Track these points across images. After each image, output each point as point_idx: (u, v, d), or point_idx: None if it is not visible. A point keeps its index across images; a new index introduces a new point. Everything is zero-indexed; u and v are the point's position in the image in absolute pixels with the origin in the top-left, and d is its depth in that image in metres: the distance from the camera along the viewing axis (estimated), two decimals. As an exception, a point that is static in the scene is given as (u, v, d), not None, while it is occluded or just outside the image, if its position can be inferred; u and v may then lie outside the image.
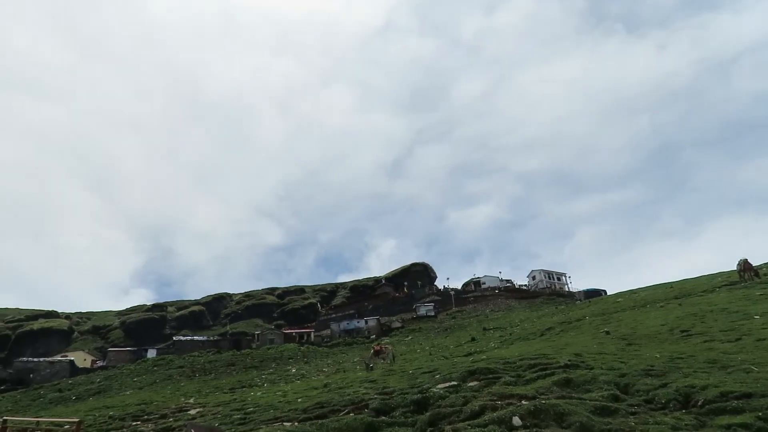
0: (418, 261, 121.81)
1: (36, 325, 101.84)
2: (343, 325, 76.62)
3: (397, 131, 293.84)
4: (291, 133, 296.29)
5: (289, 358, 52.25)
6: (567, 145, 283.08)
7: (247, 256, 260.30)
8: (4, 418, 14.37)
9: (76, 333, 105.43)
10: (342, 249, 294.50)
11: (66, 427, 14.86)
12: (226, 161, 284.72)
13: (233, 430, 12.43)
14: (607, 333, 21.44)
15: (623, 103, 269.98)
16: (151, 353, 70.48)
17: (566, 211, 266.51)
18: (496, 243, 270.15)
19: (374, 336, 69.34)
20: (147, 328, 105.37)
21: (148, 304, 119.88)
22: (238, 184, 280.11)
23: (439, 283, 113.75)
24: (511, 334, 35.74)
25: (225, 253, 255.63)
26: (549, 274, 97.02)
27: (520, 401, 10.12)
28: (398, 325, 74.04)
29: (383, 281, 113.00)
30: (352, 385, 14.99)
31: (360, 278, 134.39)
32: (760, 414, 8.27)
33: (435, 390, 11.96)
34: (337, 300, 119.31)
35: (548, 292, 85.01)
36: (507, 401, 10.25)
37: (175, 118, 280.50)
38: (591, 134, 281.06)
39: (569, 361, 13.56)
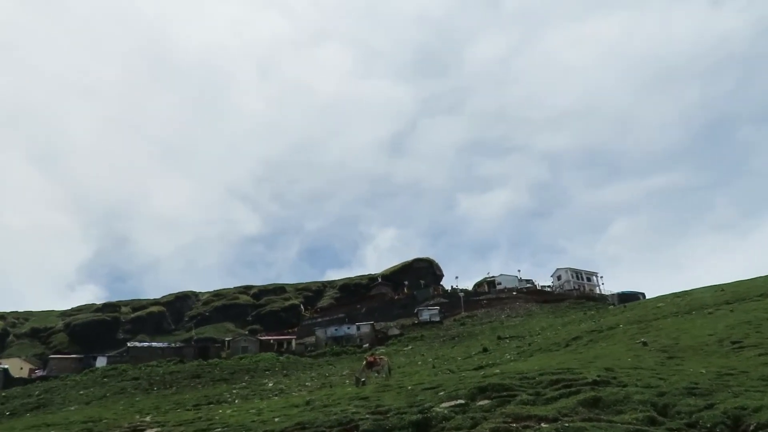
0: (421, 256, 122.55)
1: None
2: (331, 331, 77.13)
3: (400, 101, 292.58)
4: (274, 102, 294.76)
5: (266, 370, 52.59)
6: (601, 120, 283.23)
7: (217, 247, 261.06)
8: None
9: (11, 336, 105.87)
10: (331, 240, 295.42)
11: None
12: (195, 134, 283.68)
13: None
14: (645, 344, 21.66)
15: (669, 71, 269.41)
16: (101, 362, 70.78)
17: (599, 199, 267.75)
18: (514, 235, 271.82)
19: (367, 345, 69.83)
20: (96, 331, 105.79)
21: (98, 303, 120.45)
22: (210, 162, 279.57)
23: (446, 283, 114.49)
24: (530, 345, 36.01)
25: (192, 243, 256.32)
26: (577, 274, 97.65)
27: (540, 424, 10.20)
28: (396, 332, 74.57)
29: (379, 280, 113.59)
30: (339, 403, 15.08)
31: (352, 276, 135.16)
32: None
33: (438, 410, 12.05)
34: (324, 301, 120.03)
35: (576, 295, 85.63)
36: (524, 424, 10.34)
37: (136, 83, 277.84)
38: (630, 107, 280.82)
39: (598, 376, 13.63)
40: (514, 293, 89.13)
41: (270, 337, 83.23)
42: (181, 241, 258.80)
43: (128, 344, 79.70)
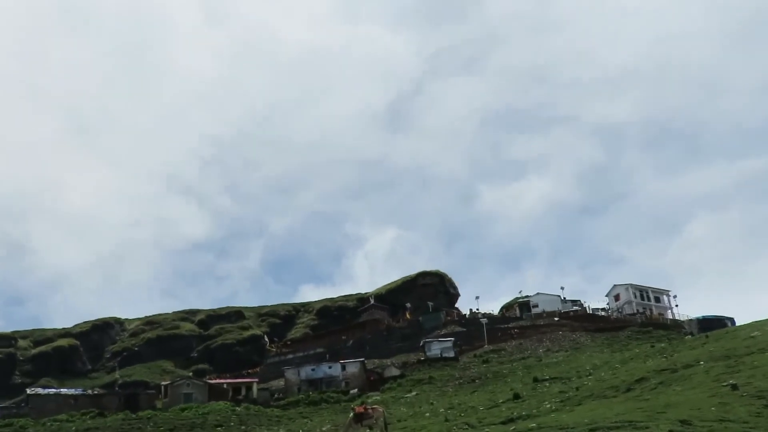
0: (429, 269, 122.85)
1: None
2: (306, 372, 77.17)
3: (399, 55, 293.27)
4: (227, 58, 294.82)
5: (217, 426, 52.57)
6: (677, 82, 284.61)
7: (149, 257, 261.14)
8: None
9: None
10: (306, 246, 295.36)
11: None
12: (119, 102, 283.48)
13: None
14: (734, 387, 21.69)
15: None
16: (-9, 416, 70.59)
17: (672, 189, 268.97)
18: (556, 240, 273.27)
19: (356, 390, 69.87)
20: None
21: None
22: (138, 140, 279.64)
23: (464, 305, 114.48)
24: (578, 389, 36.05)
25: (113, 251, 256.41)
26: (642, 292, 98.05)
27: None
28: (395, 372, 74.66)
29: (372, 301, 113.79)
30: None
31: (335, 296, 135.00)
32: None
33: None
34: (297, 331, 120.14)
35: (640, 321, 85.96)
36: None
37: (38, 31, 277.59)
38: (718, 65, 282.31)
39: (671, 432, 13.65)
40: (556, 319, 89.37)
41: (223, 381, 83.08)
42: (98, 250, 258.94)
43: (28, 391, 79.33)
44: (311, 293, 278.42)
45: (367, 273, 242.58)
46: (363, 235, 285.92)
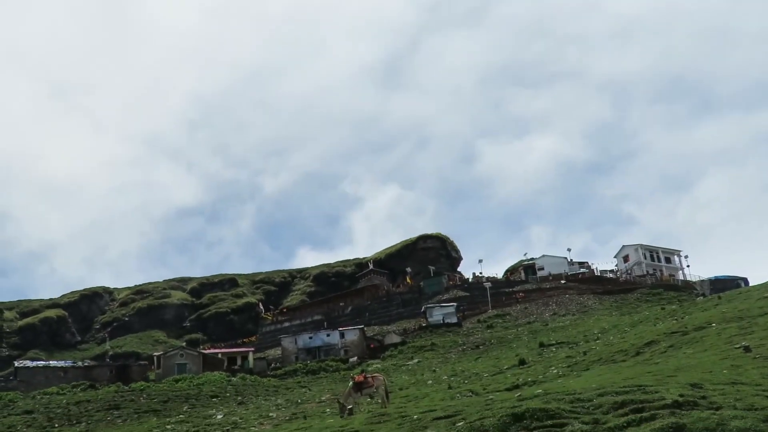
0: (430, 232, 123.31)
1: None
2: (304, 340, 77.87)
3: (395, 8, 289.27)
4: (213, 13, 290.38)
5: (213, 397, 53.17)
6: (688, 32, 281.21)
7: (137, 224, 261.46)
8: None
9: None
10: (301, 208, 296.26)
11: None
12: (99, 64, 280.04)
13: None
14: (747, 349, 21.96)
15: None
16: (-22, 390, 71.40)
17: (684, 145, 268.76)
18: (563, 200, 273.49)
19: (355, 358, 70.64)
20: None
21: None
22: (121, 103, 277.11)
23: (466, 269, 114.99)
24: (585, 354, 36.49)
25: (100, 219, 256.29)
26: (652, 253, 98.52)
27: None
28: (396, 339, 75.39)
29: (371, 266, 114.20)
30: (316, 441, 15.27)
31: (332, 261, 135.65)
32: None
33: (455, 447, 12.21)
34: (294, 298, 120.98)
35: (650, 283, 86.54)
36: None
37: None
38: (731, 12, 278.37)
39: (681, 396, 13.82)
40: (563, 282, 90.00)
41: (217, 351, 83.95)
42: (84, 218, 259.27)
43: (15, 363, 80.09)
44: (307, 259, 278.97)
45: (366, 236, 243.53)
46: (362, 195, 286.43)
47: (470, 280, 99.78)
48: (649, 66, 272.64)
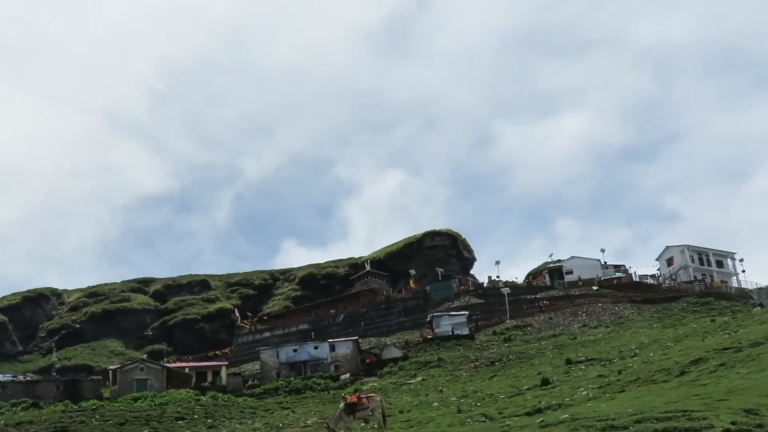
0: (438, 228, 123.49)
1: None
2: (287, 353, 77.81)
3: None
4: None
5: (178, 419, 53.04)
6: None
7: (92, 214, 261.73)
8: None
9: None
10: (287, 196, 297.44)
11: None
12: (51, 25, 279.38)
13: None
14: (813, 370, 21.80)
15: None
16: None
17: (739, 127, 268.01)
18: (595, 191, 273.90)
19: (348, 375, 70.56)
20: None
21: None
22: (76, 70, 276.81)
23: (481, 272, 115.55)
24: (620, 372, 36.37)
25: (47, 207, 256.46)
26: (701, 255, 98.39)
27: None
28: (397, 353, 75.32)
29: (368, 267, 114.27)
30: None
31: (322, 261, 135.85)
32: None
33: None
34: (276, 304, 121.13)
35: (698, 290, 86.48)
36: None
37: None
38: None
39: (734, 424, 13.76)
40: (595, 288, 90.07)
41: (184, 364, 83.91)
42: (29, 205, 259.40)
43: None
44: (293, 257, 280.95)
45: (364, 231, 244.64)
46: (359, 181, 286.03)
47: (485, 284, 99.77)
48: (697, 33, 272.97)
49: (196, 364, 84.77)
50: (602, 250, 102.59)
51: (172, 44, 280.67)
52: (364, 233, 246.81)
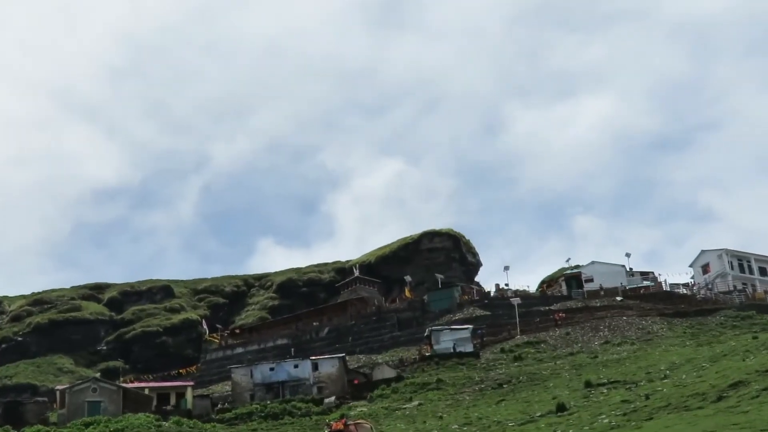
0: (438, 228, 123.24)
1: None
2: (263, 372, 77.60)
3: None
4: None
5: (137, 448, 52.94)
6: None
7: (38, 208, 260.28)
8: None
9: None
10: (263, 187, 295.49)
11: None
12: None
13: None
14: None
15: None
16: None
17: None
18: (620, 186, 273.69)
19: (333, 399, 70.41)
20: None
21: None
22: (19, 40, 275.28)
23: (487, 279, 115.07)
24: (648, 397, 36.42)
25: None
26: (742, 261, 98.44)
27: None
28: (390, 373, 75.20)
29: (357, 272, 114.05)
30: None
31: (304, 265, 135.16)
32: None
33: None
34: (250, 315, 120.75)
35: (738, 302, 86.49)
36: None
37: None
38: None
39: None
40: (619, 299, 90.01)
41: (144, 385, 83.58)
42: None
43: None
44: (270, 260, 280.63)
45: (353, 229, 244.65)
46: (348, 171, 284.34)
47: (492, 293, 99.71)
48: (740, 6, 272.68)
49: (157, 384, 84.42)
50: (627, 255, 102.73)
51: (133, 15, 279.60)
52: (354, 232, 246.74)
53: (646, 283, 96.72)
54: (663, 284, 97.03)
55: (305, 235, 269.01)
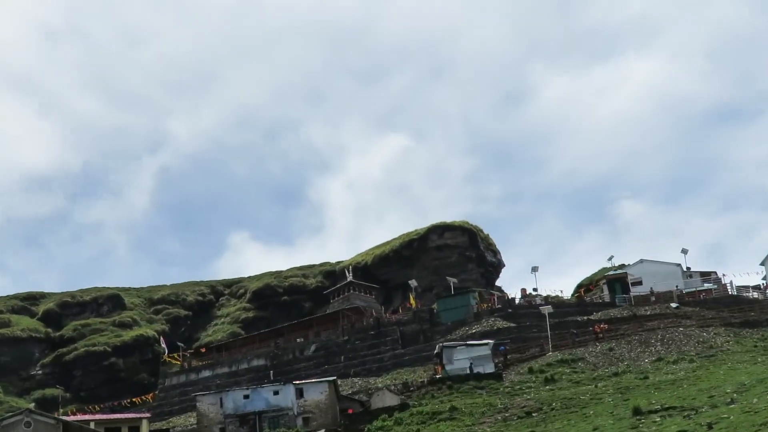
0: (450, 220, 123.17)
1: None
2: (236, 400, 77.62)
3: None
4: None
5: (80, 495, 52.98)
6: None
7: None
8: None
9: None
10: (235, 171, 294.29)
11: None
12: None
13: None
14: None
15: None
16: None
17: None
18: (675, 166, 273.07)
19: (323, 431, 70.52)
20: None
21: None
22: None
23: (512, 282, 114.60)
24: (711, 427, 36.42)
25: None
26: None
27: None
28: (392, 400, 75.27)
29: (350, 276, 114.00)
30: None
31: (284, 268, 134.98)
32: None
33: None
34: (219, 330, 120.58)
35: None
36: None
37: None
38: None
39: None
40: (674, 306, 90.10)
41: (89, 417, 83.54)
42: None
43: None
44: (244, 261, 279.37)
45: (345, 222, 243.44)
46: (339, 148, 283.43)
47: (518, 300, 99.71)
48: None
49: (105, 416, 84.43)
50: (684, 251, 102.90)
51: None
52: (346, 226, 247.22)
53: (707, 285, 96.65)
54: (728, 287, 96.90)
55: (286, 230, 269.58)
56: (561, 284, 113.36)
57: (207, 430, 75.84)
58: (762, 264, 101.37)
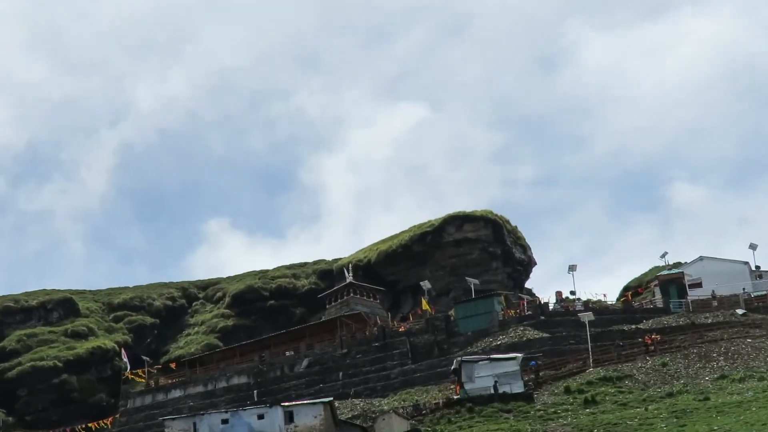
0: (471, 211, 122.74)
1: None
2: (212, 426, 77.68)
3: None
4: None
5: None
6: None
7: None
8: None
9: None
10: (210, 149, 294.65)
11: None
12: None
13: None
14: None
15: None
16: None
17: None
18: (743, 144, 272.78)
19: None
20: None
21: None
22: None
23: (544, 284, 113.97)
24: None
25: None
26: None
27: None
28: (401, 425, 75.25)
29: (350, 276, 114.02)
30: None
31: (270, 267, 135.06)
32: None
33: None
34: (191, 341, 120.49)
35: None
36: None
37: None
38: None
39: None
40: (741, 312, 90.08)
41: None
42: None
43: None
44: (223, 257, 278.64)
45: (346, 212, 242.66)
46: (338, 120, 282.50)
47: (552, 306, 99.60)
48: None
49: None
50: (753, 247, 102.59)
51: None
52: (346, 216, 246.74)
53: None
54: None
55: (273, 220, 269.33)
56: (604, 287, 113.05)
57: (178, 460, 75.90)
58: None
